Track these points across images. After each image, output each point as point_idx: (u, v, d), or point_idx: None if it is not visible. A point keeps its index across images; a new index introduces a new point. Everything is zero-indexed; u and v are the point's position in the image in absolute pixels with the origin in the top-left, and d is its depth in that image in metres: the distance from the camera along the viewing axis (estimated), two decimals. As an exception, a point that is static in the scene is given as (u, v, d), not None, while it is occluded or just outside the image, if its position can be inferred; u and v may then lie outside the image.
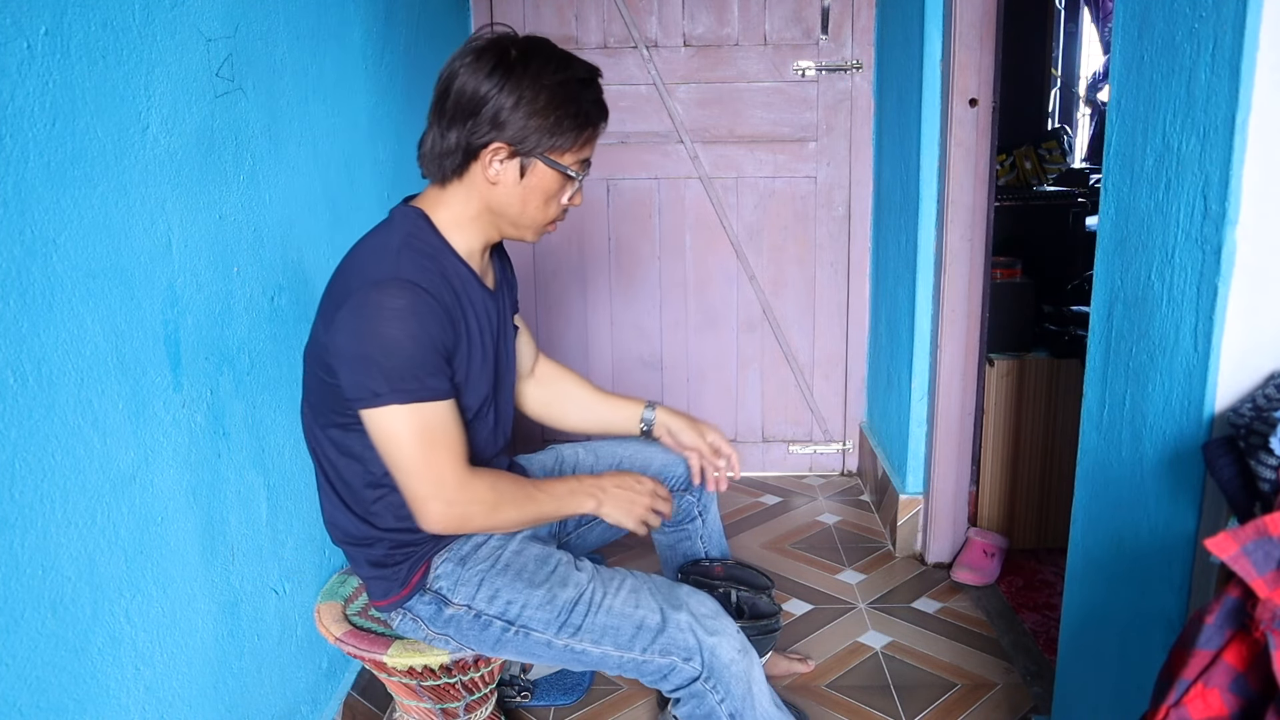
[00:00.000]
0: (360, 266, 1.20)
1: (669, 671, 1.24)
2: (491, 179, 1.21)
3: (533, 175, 1.21)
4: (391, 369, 1.13)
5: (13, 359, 0.88)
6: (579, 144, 1.22)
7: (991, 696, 1.79)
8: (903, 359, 2.38)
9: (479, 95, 1.16)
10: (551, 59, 1.19)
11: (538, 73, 1.17)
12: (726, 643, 1.24)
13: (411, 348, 1.13)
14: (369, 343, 1.13)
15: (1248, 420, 0.91)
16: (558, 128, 1.18)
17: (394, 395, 1.14)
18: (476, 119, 1.17)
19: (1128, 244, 1.21)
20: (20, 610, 0.89)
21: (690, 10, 2.66)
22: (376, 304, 1.13)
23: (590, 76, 1.23)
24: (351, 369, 1.15)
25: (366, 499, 1.28)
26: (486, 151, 1.19)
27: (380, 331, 1.12)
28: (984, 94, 2.05)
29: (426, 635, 1.33)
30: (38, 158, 0.91)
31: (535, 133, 1.17)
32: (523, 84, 1.16)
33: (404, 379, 1.13)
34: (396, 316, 1.12)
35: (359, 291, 1.14)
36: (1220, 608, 0.77)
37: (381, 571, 1.31)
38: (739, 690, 1.24)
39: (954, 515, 2.30)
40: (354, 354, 1.14)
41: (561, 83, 1.18)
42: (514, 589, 1.27)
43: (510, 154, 1.19)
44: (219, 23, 1.25)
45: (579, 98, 1.20)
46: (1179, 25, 1.06)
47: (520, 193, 1.22)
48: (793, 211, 2.77)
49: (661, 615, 1.24)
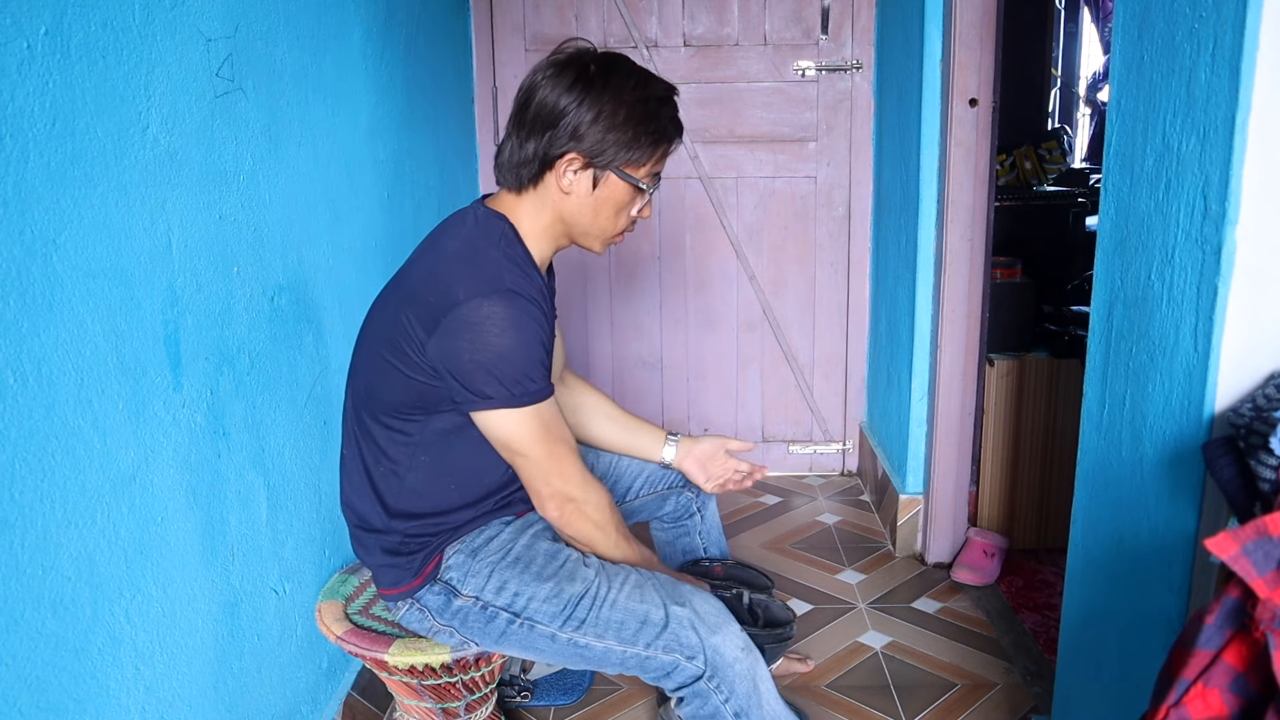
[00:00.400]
0: (462, 273, 1.21)
1: (672, 669, 1.24)
2: (565, 189, 1.24)
3: (605, 187, 1.25)
4: (506, 375, 1.17)
5: (13, 359, 0.88)
6: (653, 159, 1.26)
7: (991, 696, 1.79)
8: (903, 359, 2.38)
9: (559, 108, 1.20)
10: (631, 75, 1.23)
11: (618, 88, 1.21)
12: (729, 641, 1.24)
13: (525, 354, 1.18)
14: (484, 352, 1.17)
15: (1248, 420, 0.91)
16: (634, 142, 1.22)
17: (513, 400, 1.19)
18: (555, 130, 1.21)
19: (1128, 244, 1.21)
20: (20, 610, 0.89)
21: (690, 10, 2.66)
22: (487, 315, 1.16)
23: (667, 95, 1.26)
24: (468, 376, 1.18)
25: (394, 490, 1.30)
26: (562, 161, 1.22)
27: (495, 342, 1.16)
28: (984, 94, 2.05)
29: (431, 627, 1.33)
30: (38, 158, 0.91)
31: (612, 146, 1.21)
32: (603, 98, 1.20)
33: (519, 383, 1.18)
34: (510, 326, 1.17)
35: (468, 302, 1.17)
36: (1220, 608, 0.77)
37: (394, 560, 1.32)
38: (743, 689, 1.24)
39: (954, 515, 2.30)
40: (469, 362, 1.17)
41: (640, 100, 1.22)
42: (522, 581, 1.28)
43: (585, 165, 1.23)
44: (219, 23, 1.25)
45: (657, 114, 1.23)
46: (1179, 25, 1.06)
47: (592, 203, 1.26)
48: (793, 211, 2.77)
49: (665, 612, 1.24)
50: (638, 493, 1.64)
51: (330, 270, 1.62)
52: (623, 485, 1.63)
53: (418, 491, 1.30)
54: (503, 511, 1.37)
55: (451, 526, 1.33)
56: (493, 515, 1.36)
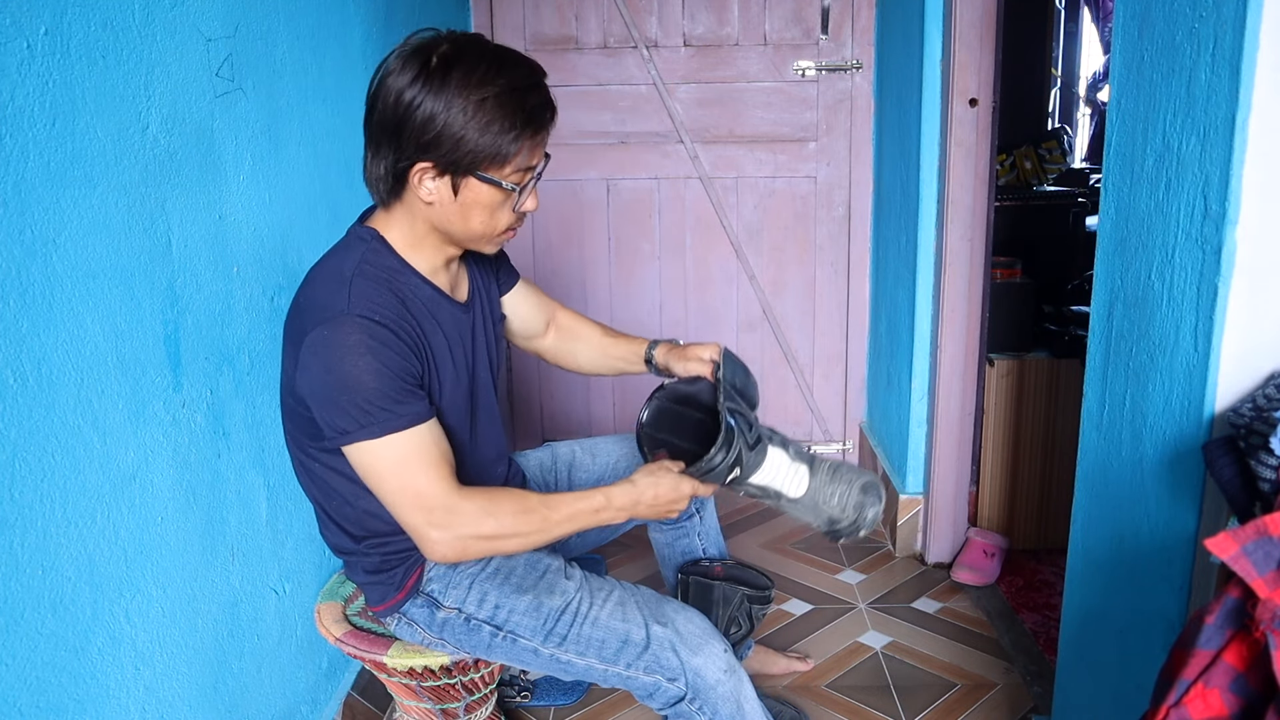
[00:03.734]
0: (313, 301, 1.15)
1: (654, 690, 1.22)
2: (425, 199, 1.14)
3: (467, 191, 1.13)
4: (356, 405, 1.09)
5: (13, 359, 0.88)
6: (515, 155, 1.12)
7: (991, 696, 1.79)
8: (903, 359, 2.38)
9: (400, 114, 1.08)
10: (480, 64, 1.08)
11: (462, 83, 1.07)
12: (711, 663, 1.21)
13: (374, 381, 1.09)
14: (331, 383, 1.09)
15: (1248, 420, 0.91)
16: (489, 143, 1.09)
17: (364, 431, 1.10)
18: (400, 140, 1.09)
19: (1128, 244, 1.21)
20: (20, 610, 0.89)
21: (690, 10, 2.66)
22: (329, 342, 1.09)
23: (530, 82, 1.12)
24: (321, 408, 1.12)
25: (355, 515, 1.27)
26: (414, 172, 1.11)
27: (339, 369, 1.08)
28: (984, 94, 2.05)
29: (424, 639, 1.33)
30: (38, 158, 0.91)
31: (464, 149, 1.08)
32: (447, 97, 1.07)
33: (371, 413, 1.09)
34: (352, 353, 1.08)
35: (313, 331, 1.10)
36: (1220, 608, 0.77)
37: (377, 578, 1.31)
38: (727, 710, 1.21)
39: (954, 515, 2.30)
40: (320, 394, 1.11)
41: (493, 94, 1.08)
42: (502, 593, 1.27)
43: (439, 173, 1.11)
44: (219, 23, 1.25)
45: (514, 106, 1.09)
46: (1179, 25, 1.06)
47: (459, 210, 1.15)
48: (793, 211, 2.77)
49: (646, 632, 1.22)
50: None
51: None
52: None
53: (375, 514, 1.26)
54: None
55: None
56: None
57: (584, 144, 2.74)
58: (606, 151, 2.74)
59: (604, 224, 2.80)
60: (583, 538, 1.61)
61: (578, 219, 2.79)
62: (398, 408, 1.11)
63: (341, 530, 1.30)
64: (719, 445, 1.23)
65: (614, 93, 2.70)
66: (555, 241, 2.81)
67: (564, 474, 1.59)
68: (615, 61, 2.68)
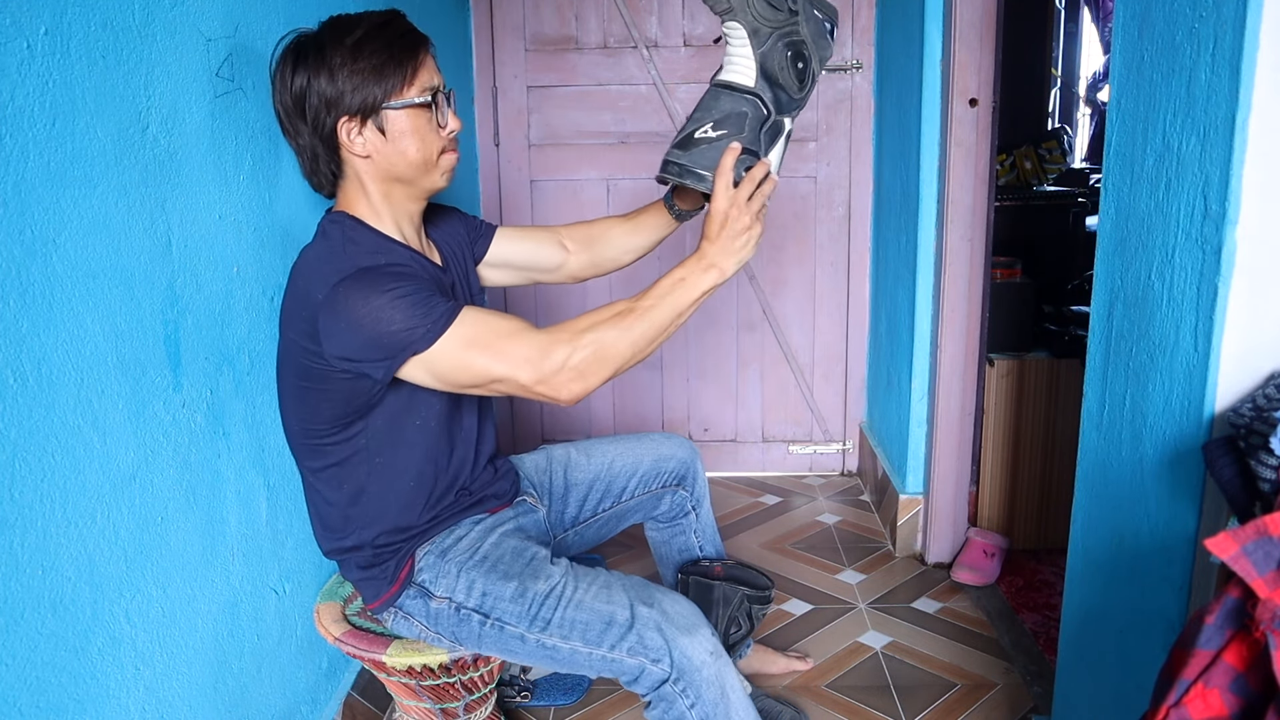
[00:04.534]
0: (313, 280, 1.18)
1: (639, 674, 1.22)
2: (362, 153, 1.21)
3: (391, 125, 1.21)
4: (397, 328, 1.12)
5: (13, 359, 0.88)
6: (410, 77, 1.20)
7: (991, 696, 1.79)
8: (903, 359, 2.38)
9: (296, 90, 1.19)
10: (339, 25, 1.20)
11: (334, 40, 1.18)
12: (698, 645, 1.21)
13: (402, 303, 1.12)
14: (364, 325, 1.12)
15: (1248, 420, 0.91)
16: (379, 73, 1.18)
17: (417, 344, 1.12)
18: (309, 116, 1.19)
19: (1128, 244, 1.21)
20: (20, 610, 0.89)
21: (690, 10, 2.66)
22: (345, 295, 1.13)
23: (386, 19, 1.22)
24: (367, 350, 1.14)
25: (344, 510, 1.30)
26: (339, 133, 1.20)
27: (364, 310, 1.12)
28: (984, 94, 2.05)
29: (420, 632, 1.33)
30: (38, 158, 0.91)
31: (364, 89, 1.18)
32: (325, 56, 1.18)
33: (416, 326, 1.12)
34: (370, 293, 1.13)
35: (325, 297, 1.14)
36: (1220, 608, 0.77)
37: (370, 573, 1.32)
38: (710, 695, 1.21)
39: (954, 515, 2.30)
40: (360, 341, 1.13)
41: (362, 34, 1.18)
42: (488, 580, 1.28)
43: (360, 121, 1.20)
44: (219, 23, 1.25)
45: (384, 38, 1.19)
46: (1179, 25, 1.06)
47: (393, 148, 1.22)
48: (793, 211, 2.77)
49: (631, 612, 1.22)
50: (632, 493, 1.64)
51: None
52: (617, 486, 1.62)
53: (369, 514, 1.30)
54: (472, 510, 1.37)
55: (418, 530, 1.32)
56: (462, 515, 1.36)
57: (584, 144, 2.74)
58: (606, 151, 2.74)
59: (604, 224, 2.80)
60: (581, 536, 1.61)
61: (578, 219, 2.79)
62: (433, 313, 1.13)
63: (340, 527, 1.31)
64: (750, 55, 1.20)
65: (614, 93, 2.70)
66: (555, 241, 2.81)
67: (559, 474, 1.59)
68: (615, 61, 2.68)
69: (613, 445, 1.65)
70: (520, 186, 2.77)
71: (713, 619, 1.59)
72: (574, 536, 1.60)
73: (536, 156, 2.76)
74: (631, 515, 1.67)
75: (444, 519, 1.34)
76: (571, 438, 2.93)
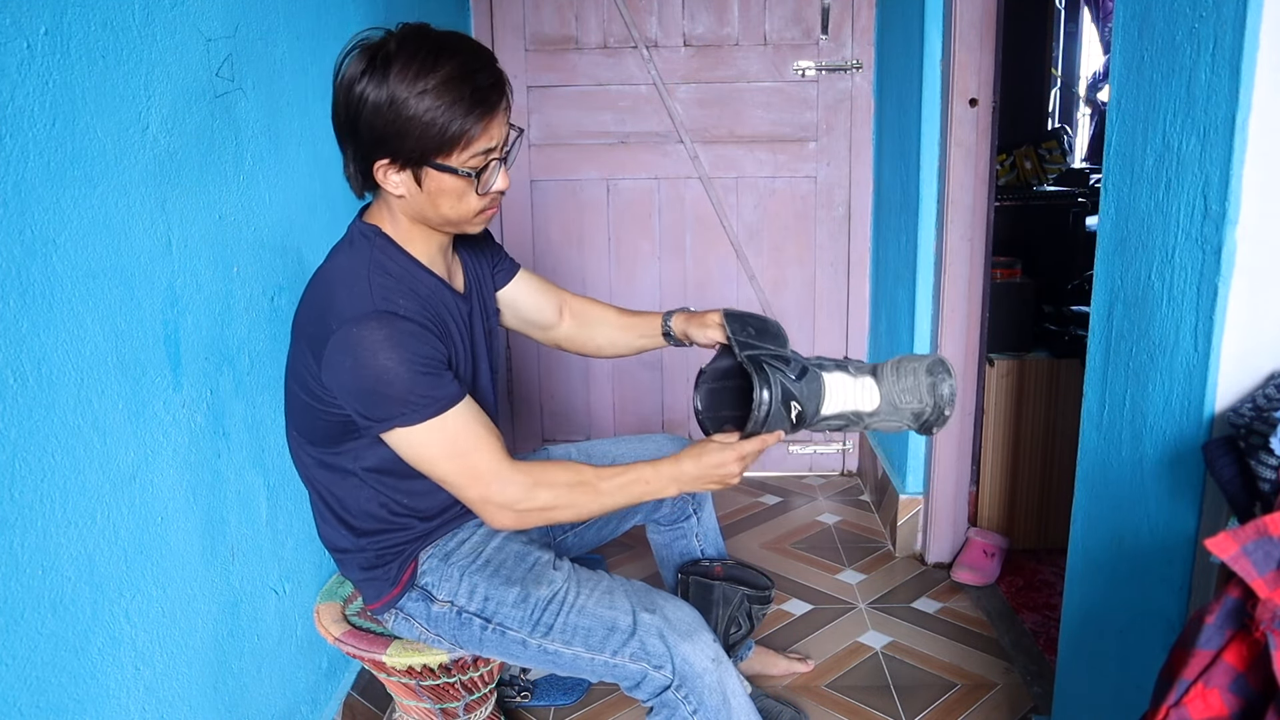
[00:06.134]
0: (334, 301, 1.16)
1: (640, 679, 1.22)
2: (394, 192, 1.16)
3: (430, 181, 1.14)
4: (393, 397, 1.12)
5: (13, 359, 0.88)
6: (467, 140, 1.11)
7: (991, 696, 1.79)
8: (903, 359, 2.37)
9: (350, 113, 1.11)
10: (417, 56, 1.08)
11: (401, 77, 1.08)
12: (699, 651, 1.21)
13: (406, 372, 1.11)
14: (366, 377, 1.11)
15: (1248, 420, 0.91)
16: (437, 134, 1.09)
17: (403, 419, 1.13)
18: (358, 139, 1.13)
19: (1128, 244, 1.21)
20: (20, 610, 0.89)
21: (690, 10, 2.66)
22: (359, 340, 1.11)
23: (472, 66, 1.11)
24: (356, 401, 1.14)
25: (353, 515, 1.29)
26: (376, 170, 1.14)
27: (372, 364, 1.10)
28: (984, 94, 2.05)
29: (420, 634, 1.33)
30: (38, 158, 0.91)
31: (414, 142, 1.10)
32: (387, 91, 1.08)
33: (409, 401, 1.12)
34: (383, 346, 1.11)
35: (340, 330, 1.12)
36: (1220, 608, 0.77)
37: (372, 574, 1.31)
38: (713, 701, 1.20)
39: (954, 515, 2.30)
40: (353, 389, 1.13)
41: (435, 84, 1.08)
42: (491, 585, 1.28)
43: (399, 167, 1.13)
44: (219, 23, 1.25)
45: (458, 93, 1.09)
46: (1179, 25, 1.06)
47: (427, 199, 1.16)
48: (793, 211, 2.77)
49: (633, 618, 1.22)
50: None
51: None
52: None
53: (375, 515, 1.29)
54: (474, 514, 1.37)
55: (422, 533, 1.32)
56: (464, 518, 1.36)
57: (584, 144, 2.74)
58: (606, 151, 2.74)
59: (604, 224, 2.80)
60: (581, 537, 1.61)
61: (578, 219, 2.79)
62: (433, 392, 1.14)
63: (342, 524, 1.30)
64: (757, 390, 1.22)
65: (614, 93, 2.70)
66: (555, 241, 2.81)
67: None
68: (615, 61, 2.68)
69: (614, 446, 1.65)
70: (520, 186, 2.77)
71: (712, 620, 1.59)
72: (574, 538, 1.60)
73: (536, 156, 2.76)
74: (632, 516, 1.66)
75: (448, 522, 1.34)
76: (572, 438, 2.93)
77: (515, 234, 2.79)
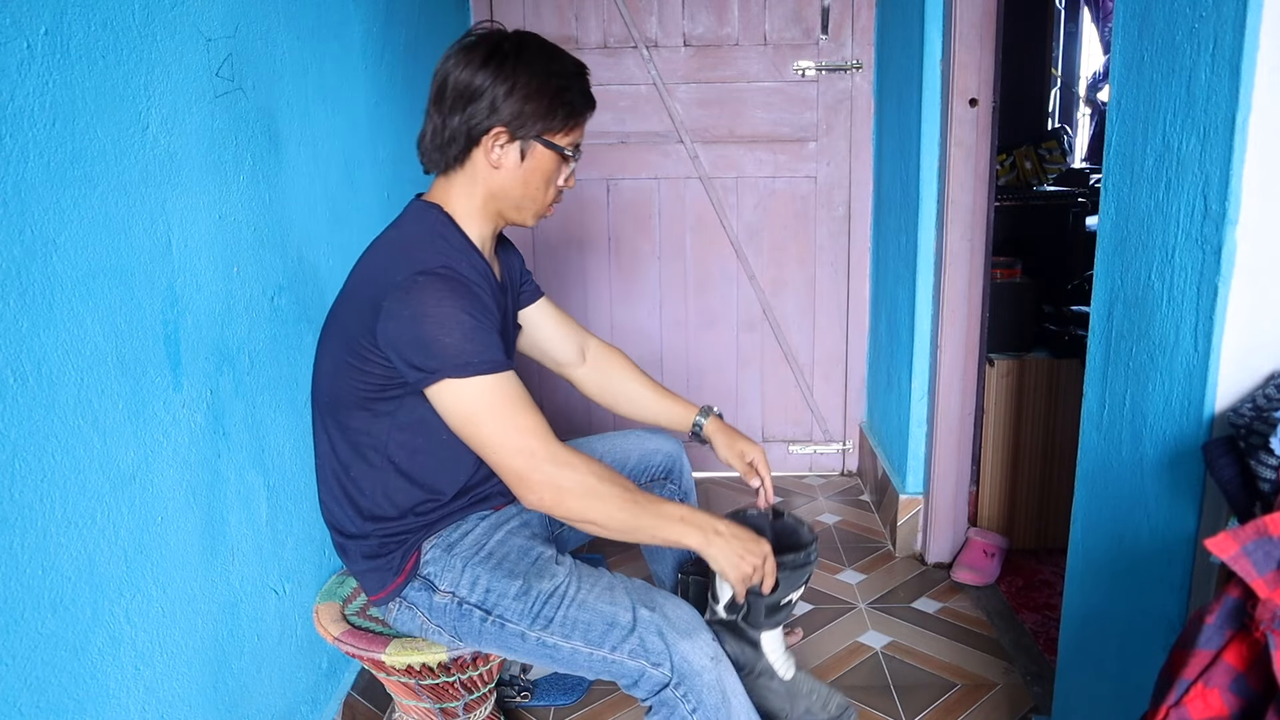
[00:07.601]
0: (398, 260, 1.22)
1: (639, 677, 1.21)
2: (494, 163, 1.26)
3: (532, 158, 1.26)
4: (452, 344, 1.15)
5: (13, 359, 0.88)
6: (570, 127, 1.28)
7: (991, 696, 1.79)
8: (903, 359, 2.38)
9: (474, 85, 1.22)
10: (542, 51, 1.25)
11: (529, 62, 1.23)
12: (698, 649, 1.20)
13: (469, 320, 1.16)
14: (427, 323, 1.15)
15: (1248, 420, 0.91)
16: (551, 111, 1.24)
17: (459, 370, 1.15)
18: (475, 105, 1.22)
19: (1128, 244, 1.21)
20: (20, 610, 0.89)
21: (690, 10, 2.66)
22: (423, 288, 1.16)
23: (578, 70, 1.28)
24: (414, 351, 1.16)
25: (366, 493, 1.31)
26: (488, 137, 1.24)
27: (435, 311, 1.15)
28: (984, 94, 2.05)
29: (422, 625, 1.33)
30: (38, 158, 0.91)
31: (531, 116, 1.23)
32: (517, 72, 1.22)
33: (464, 351, 1.15)
34: (447, 296, 1.16)
35: (404, 280, 1.17)
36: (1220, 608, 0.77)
37: (375, 563, 1.32)
38: (712, 700, 1.20)
39: (954, 515, 2.30)
40: (413, 337, 1.16)
41: (552, 73, 1.24)
42: (493, 577, 1.28)
43: (510, 138, 1.24)
44: (219, 23, 1.25)
45: (569, 87, 1.26)
46: (1179, 25, 1.06)
47: (522, 175, 1.27)
48: (793, 211, 2.77)
49: (633, 614, 1.22)
50: None
51: (330, 270, 1.62)
52: None
53: (388, 495, 1.31)
54: (480, 506, 1.38)
55: (427, 523, 1.33)
56: (469, 510, 1.36)
57: (584, 144, 2.73)
58: (606, 151, 2.74)
59: (604, 224, 2.80)
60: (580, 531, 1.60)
61: (578, 219, 2.79)
62: (488, 351, 1.17)
63: (352, 504, 1.31)
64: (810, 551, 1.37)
65: (614, 93, 2.70)
66: (555, 241, 2.81)
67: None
68: (615, 61, 2.68)
69: (601, 441, 1.66)
70: (520, 186, 2.77)
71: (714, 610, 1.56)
72: (570, 531, 1.60)
73: (536, 156, 2.76)
74: None
75: (452, 515, 1.35)
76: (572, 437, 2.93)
77: (515, 234, 2.79)
